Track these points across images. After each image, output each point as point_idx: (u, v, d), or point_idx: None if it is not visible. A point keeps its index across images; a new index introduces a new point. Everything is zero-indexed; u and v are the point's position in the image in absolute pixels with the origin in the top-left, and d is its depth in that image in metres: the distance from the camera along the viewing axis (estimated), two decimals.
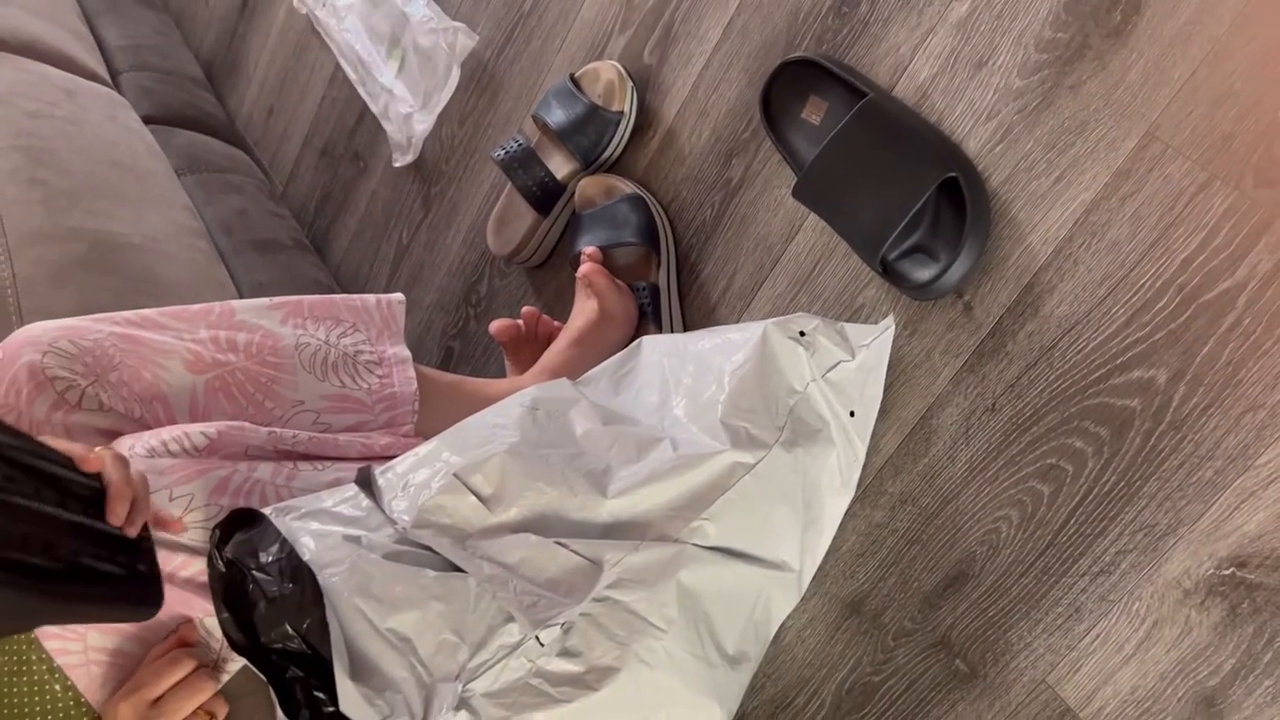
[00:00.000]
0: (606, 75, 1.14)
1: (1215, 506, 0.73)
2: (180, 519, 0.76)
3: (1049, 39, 0.81)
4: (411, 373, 0.97)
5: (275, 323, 0.93)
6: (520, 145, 1.19)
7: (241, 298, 1.31)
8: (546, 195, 1.18)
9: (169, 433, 0.80)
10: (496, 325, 1.13)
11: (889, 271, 0.88)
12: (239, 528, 0.75)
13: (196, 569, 0.77)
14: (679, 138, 1.09)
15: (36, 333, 0.84)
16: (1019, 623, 0.82)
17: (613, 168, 1.17)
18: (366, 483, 0.78)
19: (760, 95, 0.97)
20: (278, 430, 0.85)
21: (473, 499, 0.75)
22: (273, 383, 0.89)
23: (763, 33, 1.01)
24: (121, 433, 0.83)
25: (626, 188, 1.11)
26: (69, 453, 0.70)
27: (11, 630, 0.74)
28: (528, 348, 1.15)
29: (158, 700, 0.76)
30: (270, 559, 0.72)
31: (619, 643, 0.73)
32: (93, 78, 1.58)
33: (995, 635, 0.84)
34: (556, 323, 1.15)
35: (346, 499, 0.78)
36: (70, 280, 1.12)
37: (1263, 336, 0.72)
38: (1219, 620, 0.73)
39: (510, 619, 0.71)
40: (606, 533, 0.77)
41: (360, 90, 1.51)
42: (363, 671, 0.67)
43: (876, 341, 0.88)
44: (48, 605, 0.64)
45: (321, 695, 0.70)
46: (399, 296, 1.02)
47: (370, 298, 1.01)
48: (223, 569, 0.74)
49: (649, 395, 0.89)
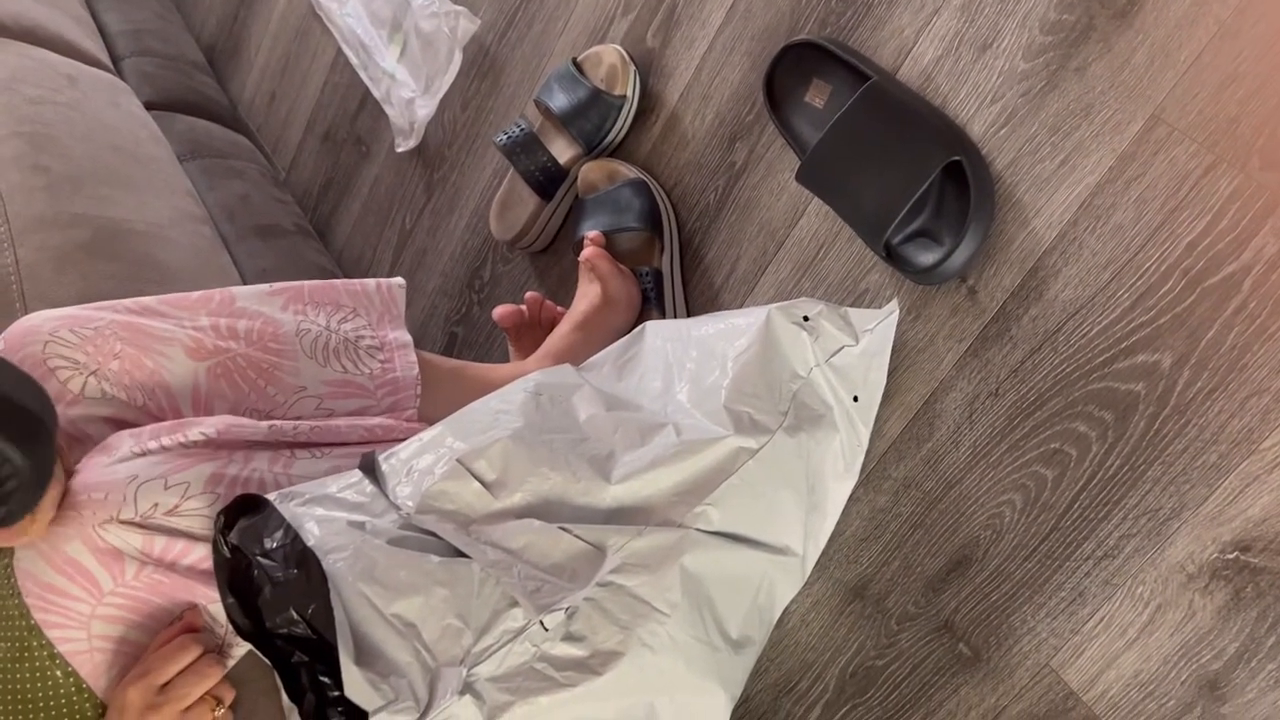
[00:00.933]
0: (609, 59, 1.13)
1: (1219, 491, 0.73)
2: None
3: (1054, 21, 0.81)
4: (413, 357, 0.97)
5: (276, 309, 0.93)
6: (522, 130, 1.18)
7: (244, 283, 1.31)
8: (549, 180, 1.18)
9: (167, 433, 0.80)
10: (500, 311, 1.13)
11: (893, 256, 0.88)
12: (243, 514, 0.75)
13: (197, 556, 0.77)
14: (682, 122, 1.09)
15: (37, 323, 0.84)
16: (1022, 607, 0.83)
17: (615, 152, 1.16)
18: (370, 468, 0.78)
19: (763, 78, 0.97)
20: (278, 424, 0.85)
21: (476, 485, 0.75)
22: (275, 369, 0.89)
23: (766, 15, 1.01)
24: (125, 421, 0.83)
25: (629, 172, 1.11)
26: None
27: None
28: (531, 333, 1.15)
29: (165, 685, 0.76)
30: (274, 545, 0.73)
31: (622, 627, 0.73)
32: (94, 63, 1.57)
33: (999, 619, 0.84)
34: (560, 308, 1.15)
35: (350, 485, 0.78)
36: (73, 267, 1.12)
37: (1268, 320, 0.71)
38: (1223, 604, 0.73)
39: (514, 604, 0.71)
40: (610, 518, 0.78)
41: (362, 75, 1.51)
42: (367, 656, 0.67)
43: (880, 326, 0.88)
44: None
45: (326, 680, 0.71)
46: (399, 281, 1.02)
47: (370, 282, 1.01)
48: (227, 555, 0.74)
49: (652, 381, 0.89)
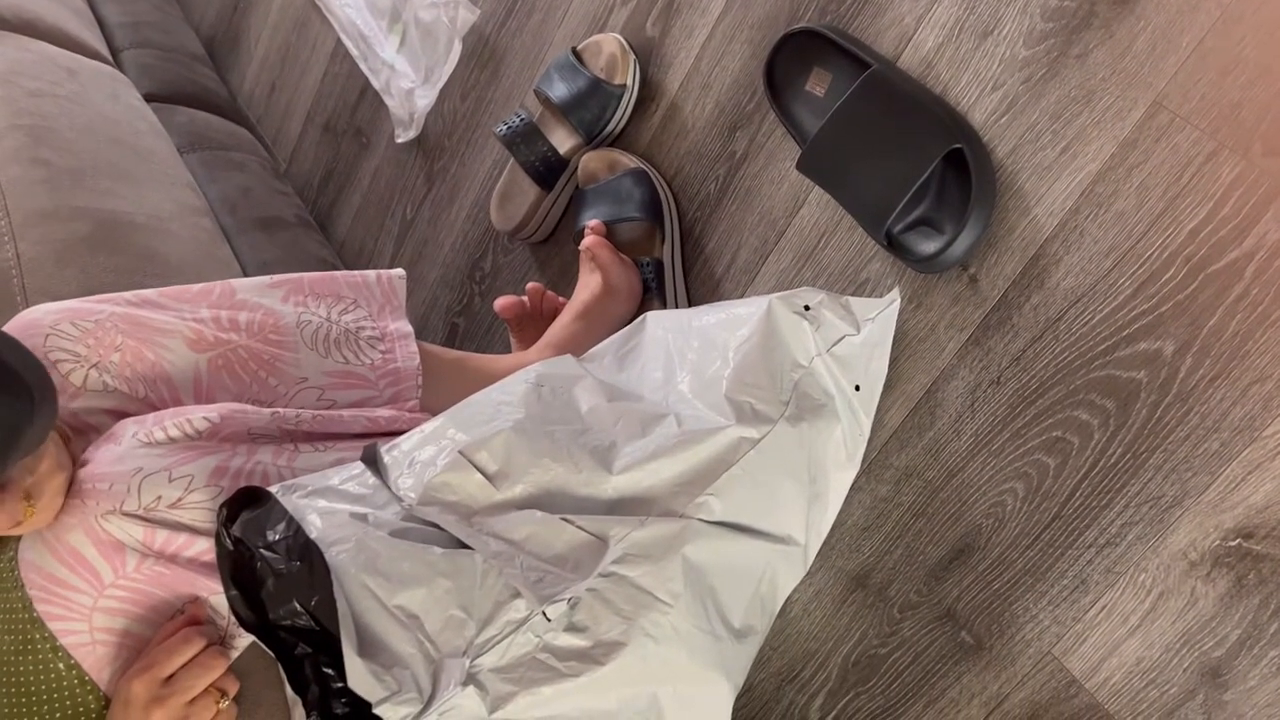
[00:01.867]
0: (609, 48, 1.13)
1: (1222, 478, 0.73)
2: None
3: (1055, 7, 0.80)
4: (414, 347, 0.97)
5: (276, 301, 0.93)
6: (522, 120, 1.18)
7: (246, 276, 1.31)
8: (549, 170, 1.18)
9: (171, 419, 0.80)
10: (501, 302, 1.13)
11: (894, 244, 0.87)
12: (245, 506, 0.75)
13: (199, 549, 0.77)
14: (682, 111, 1.09)
15: (37, 316, 0.84)
16: (1025, 595, 0.83)
17: (615, 142, 1.16)
18: (372, 460, 0.79)
19: (764, 67, 0.97)
20: (281, 411, 0.85)
21: (478, 476, 0.75)
22: (276, 360, 0.89)
23: (766, 3, 1.00)
24: (127, 413, 0.83)
25: (630, 162, 1.11)
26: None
27: None
28: (532, 324, 1.15)
29: (170, 678, 0.76)
30: (277, 537, 0.73)
31: (625, 617, 0.73)
32: (94, 56, 1.57)
33: (1001, 607, 0.84)
34: (561, 299, 1.15)
35: (353, 477, 0.78)
36: (74, 260, 1.12)
37: (1270, 307, 0.71)
38: (1225, 592, 0.73)
39: (517, 595, 0.71)
40: (612, 509, 0.77)
41: (362, 66, 1.50)
42: (371, 648, 0.68)
43: (882, 315, 0.88)
44: None
45: (330, 671, 0.71)
46: (399, 271, 1.02)
47: (370, 273, 1.01)
48: (230, 547, 0.74)
49: (654, 371, 0.89)
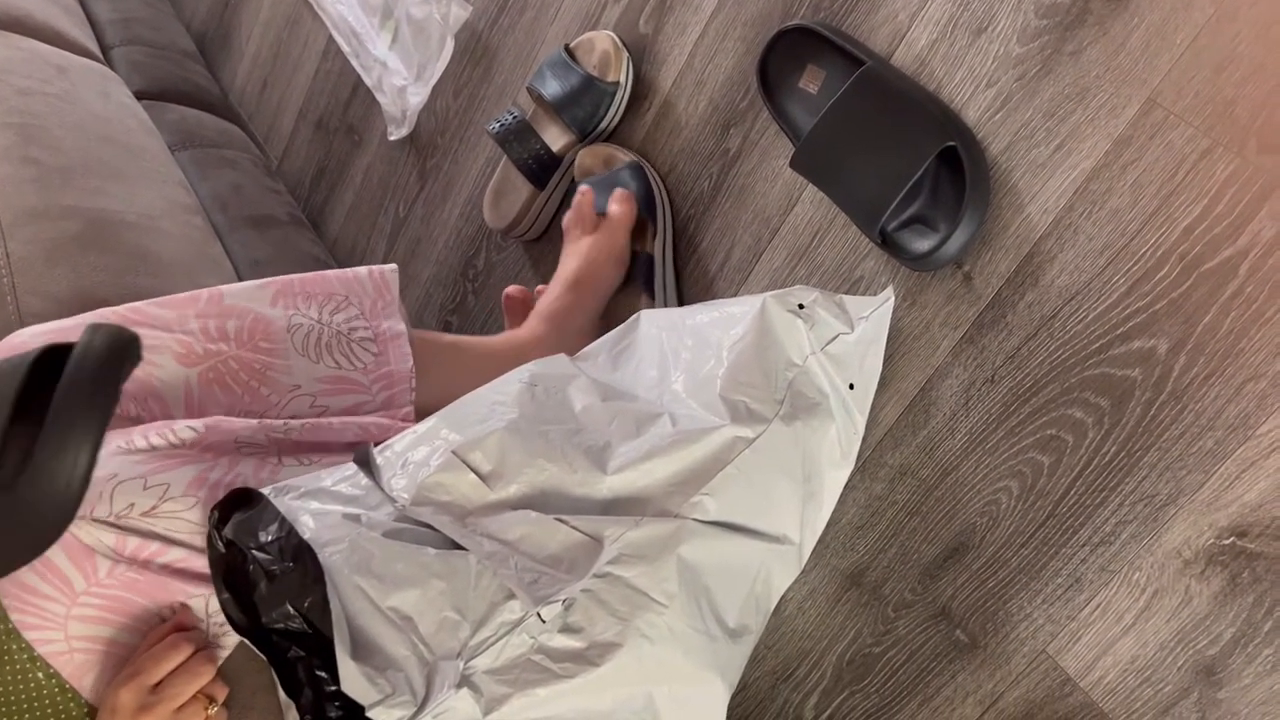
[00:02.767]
0: (601, 45, 1.13)
1: (1216, 476, 0.73)
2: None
3: (1049, 4, 0.80)
4: (407, 349, 0.95)
5: (265, 305, 0.92)
6: (515, 118, 1.18)
7: (238, 274, 1.30)
8: (542, 168, 1.17)
9: (155, 429, 0.79)
10: (512, 289, 1.13)
11: (888, 242, 0.87)
12: (238, 508, 0.75)
13: (172, 557, 0.77)
14: (676, 108, 1.08)
15: (23, 339, 0.83)
16: (1019, 593, 0.83)
17: (609, 139, 1.16)
18: (365, 461, 0.78)
19: (757, 64, 0.96)
20: (268, 421, 0.84)
21: (472, 476, 0.75)
22: (267, 369, 0.88)
23: (759, 0, 1.00)
24: (114, 431, 0.83)
25: (626, 156, 1.11)
26: None
27: None
28: (579, 225, 1.11)
29: (157, 685, 0.76)
30: (270, 538, 0.72)
31: (620, 618, 0.73)
32: (84, 53, 1.56)
33: (995, 606, 0.84)
34: None
35: (345, 478, 0.77)
36: (65, 259, 1.11)
37: (1265, 305, 0.71)
38: (1219, 590, 0.73)
39: (511, 596, 0.71)
40: (607, 509, 0.77)
41: (354, 63, 1.50)
42: (364, 650, 0.67)
43: (876, 313, 0.87)
44: None
45: (323, 674, 0.71)
46: (392, 267, 1.00)
47: (363, 270, 0.99)
48: (222, 549, 0.74)
49: (648, 370, 0.88)
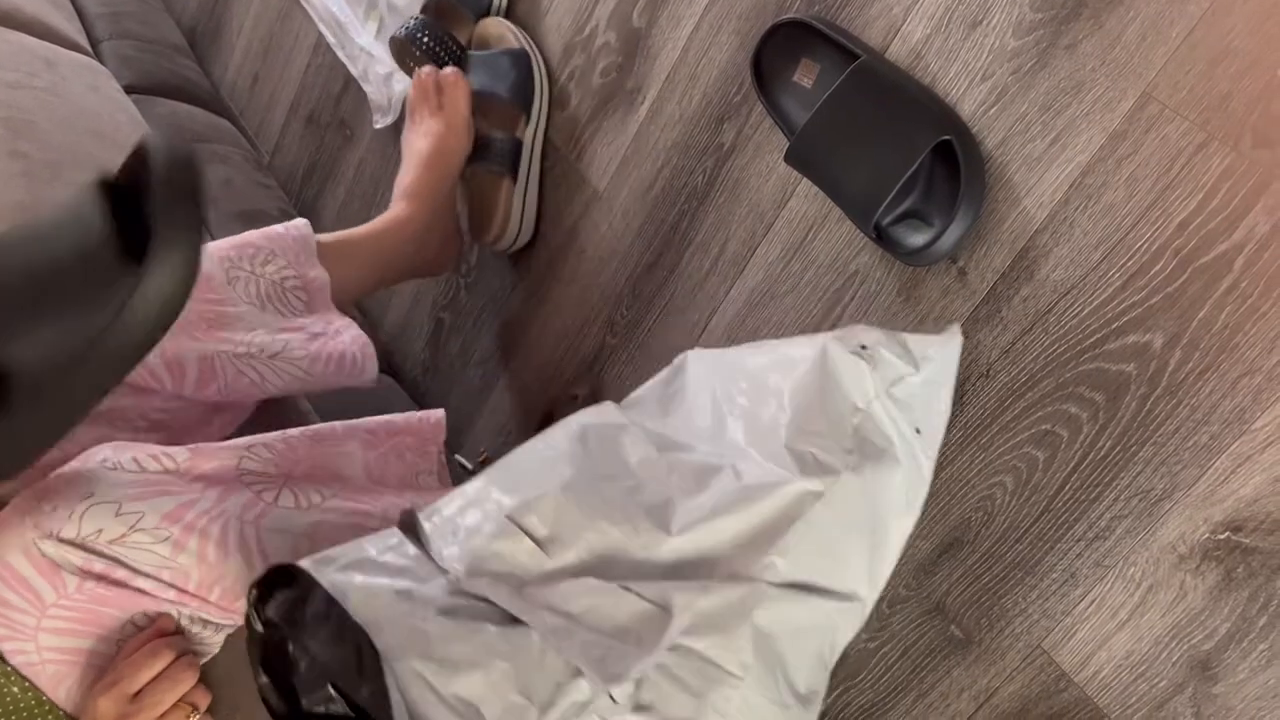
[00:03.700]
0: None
1: (1211, 471, 0.73)
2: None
3: None
4: (329, 295, 1.04)
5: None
6: (417, 19, 1.24)
7: None
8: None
9: (148, 451, 0.79)
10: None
11: (883, 237, 0.87)
12: (278, 585, 0.70)
13: (140, 584, 0.75)
14: (669, 103, 1.08)
15: None
16: (1014, 589, 0.82)
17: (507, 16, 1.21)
18: (411, 527, 0.73)
19: (751, 58, 0.96)
20: (266, 438, 0.85)
21: (528, 543, 0.70)
22: (221, 317, 0.92)
23: None
24: (99, 408, 0.82)
25: (515, 42, 1.14)
26: None
27: None
28: (425, 105, 1.21)
29: (138, 693, 0.74)
30: (320, 623, 0.67)
31: (694, 694, 0.68)
32: (73, 47, 1.55)
33: (990, 601, 0.84)
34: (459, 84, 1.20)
35: (390, 547, 0.72)
36: None
37: (1260, 299, 0.71)
38: (1214, 585, 0.73)
39: (578, 674, 0.66)
40: (670, 572, 0.72)
41: (340, 54, 1.49)
42: None
43: (942, 353, 0.82)
44: None
45: None
46: (304, 220, 1.08)
47: (278, 227, 1.05)
48: (260, 630, 0.69)
49: (700, 419, 0.83)
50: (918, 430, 0.81)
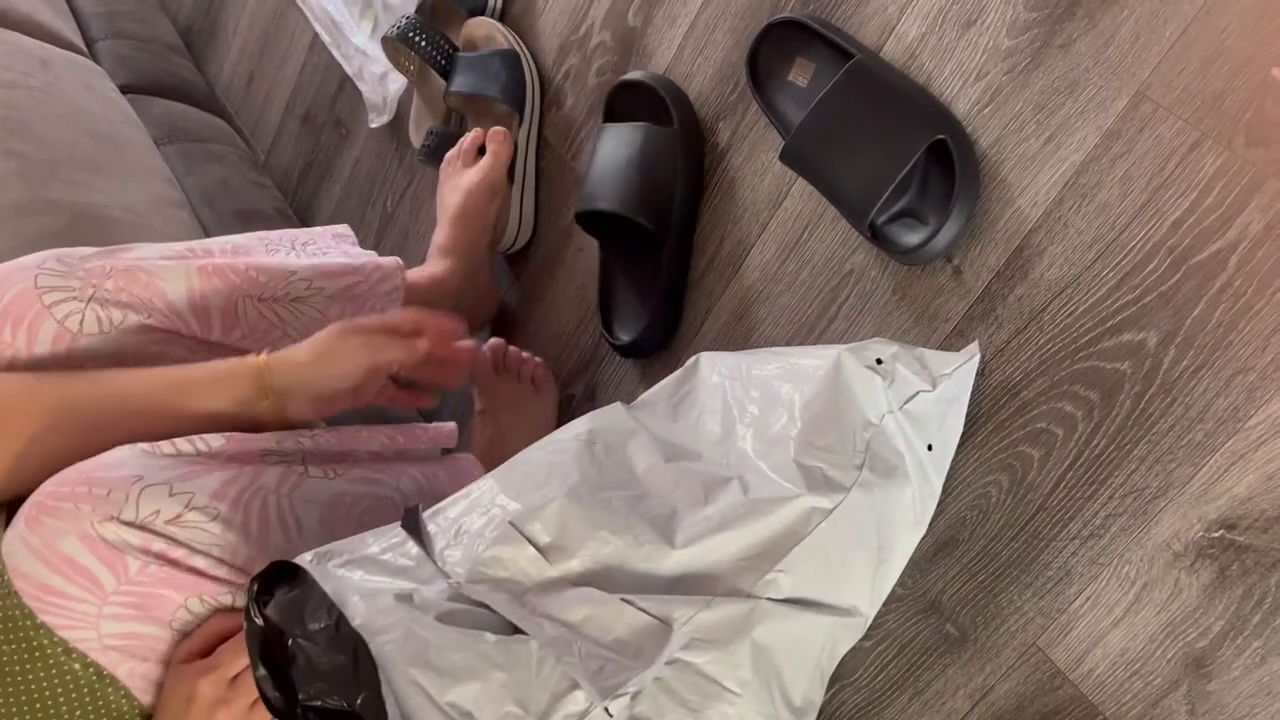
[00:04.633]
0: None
1: (1205, 469, 0.73)
2: None
3: None
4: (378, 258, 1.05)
5: (242, 238, 1.00)
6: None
7: None
8: (445, 58, 1.22)
9: (183, 437, 0.80)
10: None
11: (878, 236, 0.87)
12: (279, 581, 0.70)
13: (198, 563, 0.76)
14: None
15: (22, 259, 0.84)
16: (1009, 587, 0.83)
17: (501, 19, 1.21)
18: (414, 528, 0.73)
19: (747, 57, 0.96)
20: (289, 433, 0.86)
21: (531, 550, 0.70)
22: (258, 265, 0.95)
23: None
24: (125, 354, 0.84)
25: (505, 42, 1.13)
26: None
27: None
28: (460, 158, 1.21)
29: (235, 679, 0.75)
30: (318, 626, 0.67)
31: (691, 709, 0.68)
32: (68, 46, 1.55)
33: (985, 599, 0.84)
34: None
35: (393, 546, 0.72)
36: None
37: (1254, 298, 0.71)
38: (1208, 582, 0.73)
39: (575, 686, 0.65)
40: (673, 586, 0.72)
41: (335, 53, 1.49)
42: None
43: (959, 370, 0.82)
44: None
45: None
46: (344, 227, 1.08)
47: (318, 229, 1.06)
48: (260, 623, 0.69)
49: (711, 423, 0.83)
50: (930, 447, 0.81)
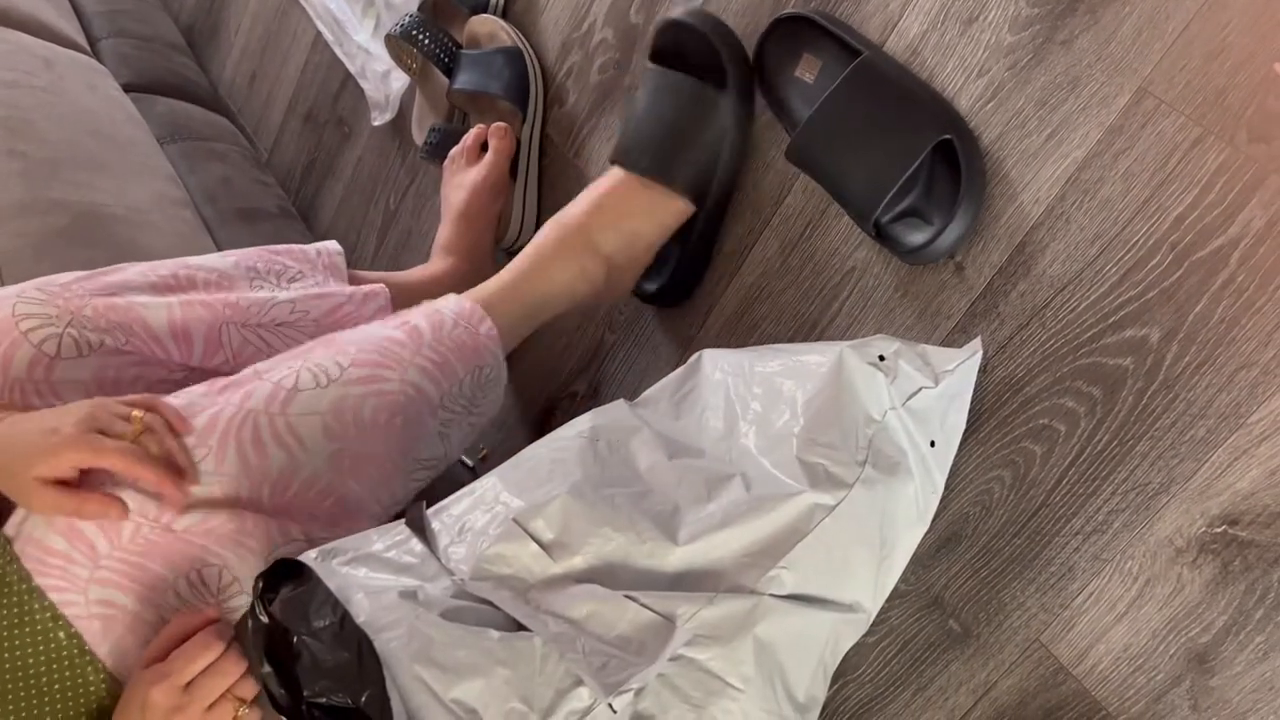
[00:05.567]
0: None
1: (1208, 464, 0.73)
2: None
3: None
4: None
5: (228, 266, 0.97)
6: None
7: None
8: (449, 56, 1.21)
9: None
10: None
11: (882, 235, 0.87)
12: (284, 578, 0.71)
13: (188, 522, 0.76)
14: None
15: (2, 290, 0.85)
16: (1012, 583, 0.83)
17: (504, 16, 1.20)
18: (419, 525, 0.74)
19: (754, 52, 0.96)
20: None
21: (534, 547, 0.70)
22: (240, 296, 0.93)
23: None
24: (105, 380, 0.83)
25: (508, 39, 1.13)
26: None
27: None
28: (463, 155, 1.21)
29: (188, 685, 0.74)
30: (323, 624, 0.67)
31: (694, 705, 0.69)
32: (70, 45, 1.55)
33: (988, 595, 0.84)
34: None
35: (397, 543, 0.73)
36: (52, 253, 1.11)
37: (1256, 293, 0.71)
38: (1211, 578, 0.74)
39: (579, 682, 0.66)
40: (675, 582, 0.72)
41: (337, 51, 1.49)
42: None
43: (962, 366, 0.82)
44: None
45: None
46: (335, 246, 1.06)
47: (309, 247, 1.04)
48: (264, 620, 0.69)
49: (713, 420, 0.83)
50: (932, 443, 0.81)
